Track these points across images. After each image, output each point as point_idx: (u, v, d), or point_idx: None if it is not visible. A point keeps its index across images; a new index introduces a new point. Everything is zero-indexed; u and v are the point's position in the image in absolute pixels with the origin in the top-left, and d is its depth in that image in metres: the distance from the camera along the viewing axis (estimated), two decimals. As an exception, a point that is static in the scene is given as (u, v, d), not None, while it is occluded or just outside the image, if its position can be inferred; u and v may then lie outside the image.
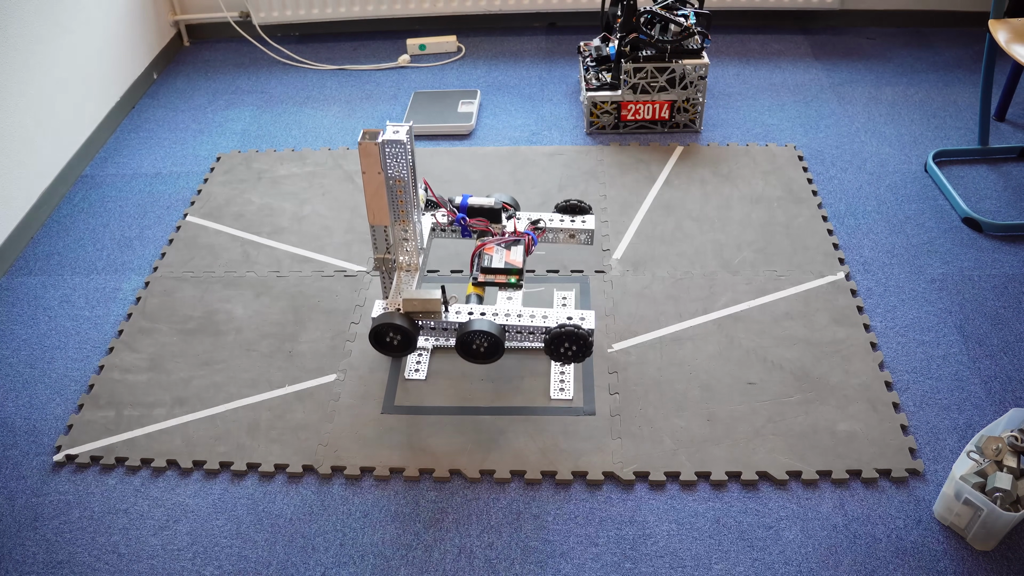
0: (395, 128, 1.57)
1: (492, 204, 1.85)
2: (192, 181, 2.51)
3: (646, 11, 2.47)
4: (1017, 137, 2.52)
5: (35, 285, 2.16)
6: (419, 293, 1.65)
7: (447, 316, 1.67)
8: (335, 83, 2.98)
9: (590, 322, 1.64)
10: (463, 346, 1.65)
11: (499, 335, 1.62)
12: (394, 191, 1.63)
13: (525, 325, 1.65)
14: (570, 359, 1.66)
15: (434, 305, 1.64)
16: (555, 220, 1.89)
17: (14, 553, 1.55)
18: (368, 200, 1.63)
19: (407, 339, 1.66)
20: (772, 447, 1.66)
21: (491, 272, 1.76)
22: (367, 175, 1.59)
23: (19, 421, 1.80)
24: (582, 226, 1.89)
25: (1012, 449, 1.48)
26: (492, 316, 1.66)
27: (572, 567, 1.48)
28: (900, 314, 1.95)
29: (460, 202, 1.85)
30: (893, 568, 1.46)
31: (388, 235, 1.70)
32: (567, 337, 1.62)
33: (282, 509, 1.60)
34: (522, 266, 1.76)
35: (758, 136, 2.57)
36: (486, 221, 1.85)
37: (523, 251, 1.79)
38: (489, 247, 1.79)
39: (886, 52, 3.01)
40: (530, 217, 1.88)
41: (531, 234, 1.82)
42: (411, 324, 1.65)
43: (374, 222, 1.67)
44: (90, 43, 2.66)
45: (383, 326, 1.65)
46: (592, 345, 1.64)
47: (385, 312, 1.66)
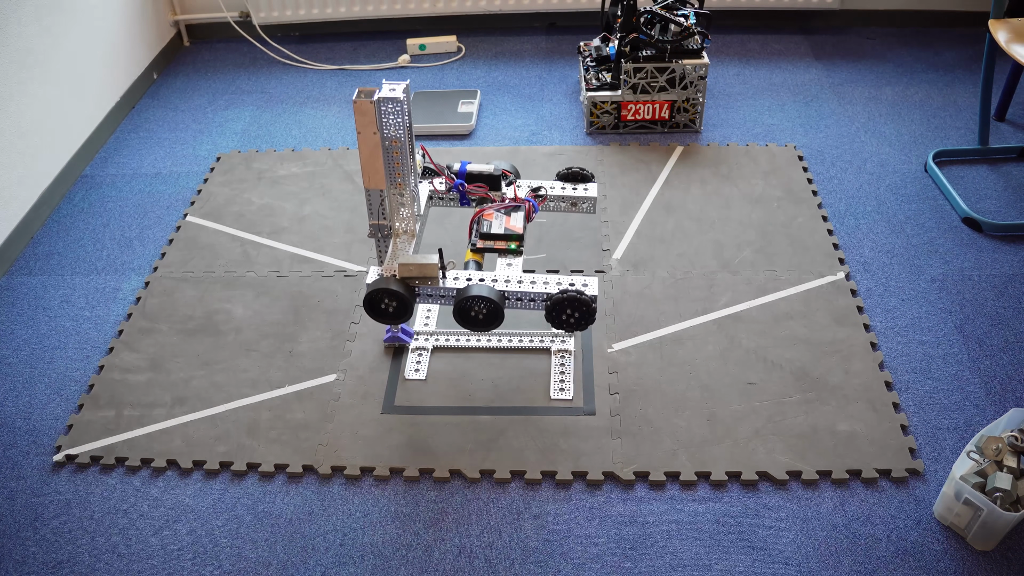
0: (392, 86, 1.51)
1: (492, 171, 1.78)
2: (192, 181, 2.51)
3: (646, 11, 2.47)
4: (1017, 137, 2.52)
5: (35, 285, 2.16)
6: (416, 258, 1.59)
7: (445, 282, 1.60)
8: (335, 83, 2.98)
9: (593, 288, 1.58)
10: (461, 312, 1.59)
11: (498, 301, 1.56)
12: (390, 153, 1.56)
13: (526, 291, 1.59)
14: (572, 326, 1.60)
15: (431, 270, 1.58)
16: (556, 188, 1.84)
17: (14, 553, 1.55)
18: (363, 162, 1.57)
19: (403, 305, 1.60)
20: (772, 447, 1.66)
21: (490, 238, 1.69)
22: (362, 135, 1.52)
23: (19, 421, 1.80)
24: (584, 194, 1.83)
25: (1012, 449, 1.48)
26: (491, 282, 1.61)
27: (572, 567, 1.48)
28: (900, 314, 1.95)
29: (459, 168, 1.79)
30: (893, 568, 1.46)
31: (384, 200, 1.63)
32: (569, 303, 1.56)
33: (282, 509, 1.60)
34: (522, 232, 1.70)
35: (758, 136, 2.57)
36: (485, 187, 1.79)
37: (523, 217, 1.73)
38: (488, 213, 1.72)
39: (886, 52, 3.01)
40: (530, 184, 1.82)
41: (532, 201, 1.75)
42: (407, 290, 1.58)
43: (369, 185, 1.60)
44: (90, 43, 2.66)
45: (378, 292, 1.58)
46: (595, 312, 1.58)
47: (380, 278, 1.60)
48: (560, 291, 1.57)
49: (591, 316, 1.58)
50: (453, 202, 1.83)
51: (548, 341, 1.89)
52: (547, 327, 1.93)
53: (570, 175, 1.87)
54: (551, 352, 1.87)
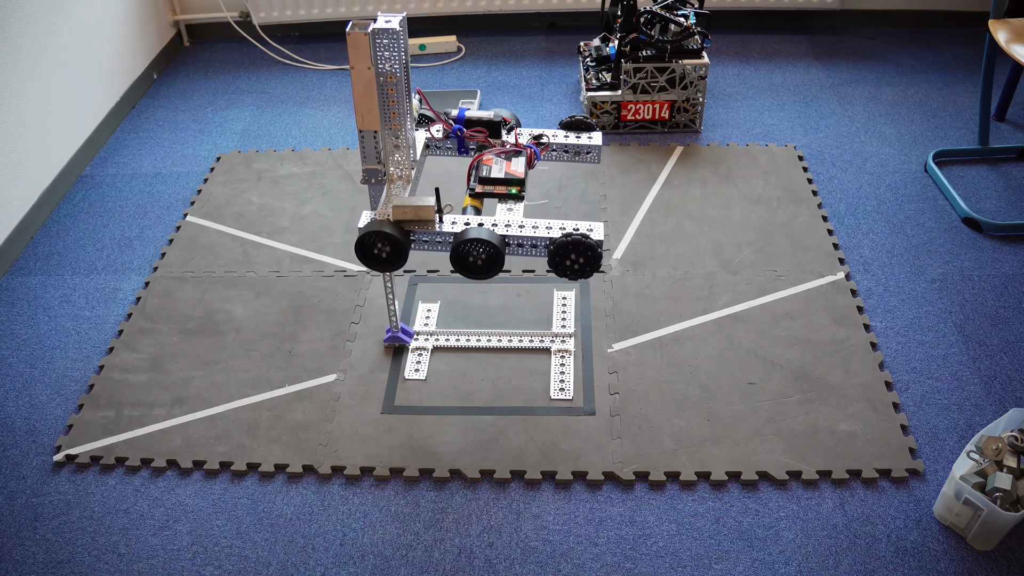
0: (387, 17, 1.43)
1: (491, 117, 1.70)
2: (192, 181, 2.51)
3: (646, 11, 2.47)
4: (1017, 137, 2.52)
5: (35, 285, 2.16)
6: (411, 199, 1.50)
7: (441, 226, 1.52)
8: (335, 83, 2.98)
9: (599, 233, 1.50)
10: (458, 258, 1.50)
11: (499, 244, 1.48)
12: (385, 90, 1.48)
13: (527, 236, 1.50)
14: (576, 274, 1.51)
15: (427, 212, 1.49)
16: (559, 136, 1.75)
17: (14, 553, 1.55)
18: (356, 100, 1.49)
19: (397, 250, 1.51)
20: (772, 447, 1.66)
21: (490, 183, 1.60)
22: (356, 71, 1.44)
23: (19, 421, 1.80)
24: (588, 142, 1.74)
25: (1012, 449, 1.48)
26: (491, 226, 1.52)
27: (572, 567, 1.48)
28: (900, 314, 1.95)
29: (457, 114, 1.70)
30: (893, 568, 1.46)
31: (378, 143, 1.55)
32: (573, 248, 1.48)
33: (282, 509, 1.60)
34: (524, 177, 1.61)
35: (758, 136, 2.57)
36: (484, 132, 1.69)
37: (525, 163, 1.64)
38: (488, 158, 1.64)
39: (886, 52, 3.01)
40: (532, 132, 1.73)
41: (533, 147, 1.67)
42: (402, 233, 1.50)
43: (363, 126, 1.52)
44: (90, 43, 2.66)
45: (371, 235, 1.49)
46: (600, 257, 1.50)
47: (374, 220, 1.51)
48: (564, 235, 1.48)
49: (597, 262, 1.50)
50: (450, 151, 1.74)
51: (548, 341, 1.89)
52: (547, 327, 1.93)
53: (573, 123, 1.77)
54: (551, 352, 1.87)
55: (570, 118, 1.78)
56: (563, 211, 2.28)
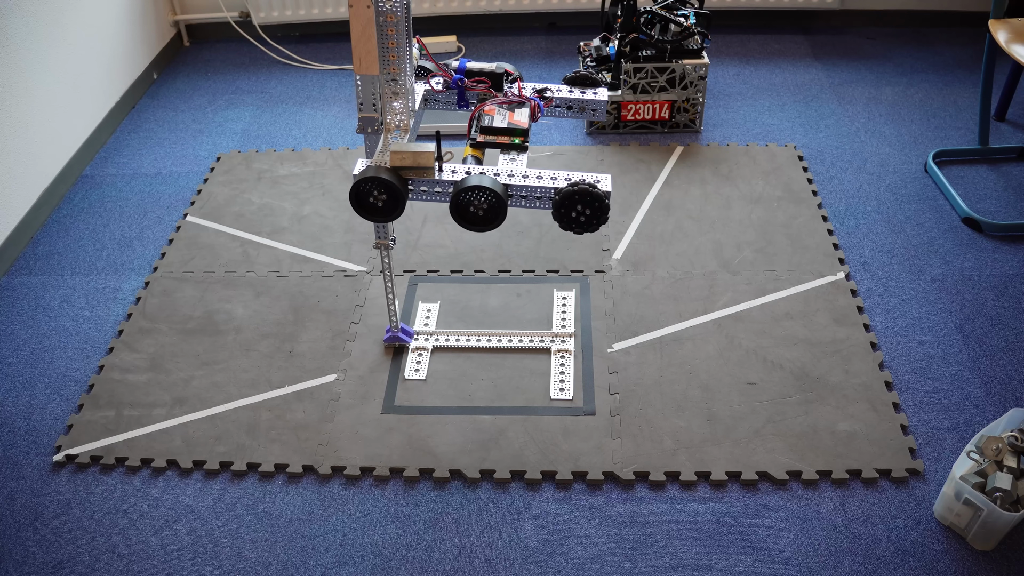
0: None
1: (494, 68, 1.63)
2: (192, 181, 2.51)
3: (646, 11, 2.47)
4: (1017, 137, 2.52)
5: (35, 285, 2.16)
6: (410, 145, 1.44)
7: (441, 175, 1.45)
8: (335, 83, 2.98)
9: (606, 184, 1.45)
10: (459, 207, 1.44)
11: (501, 193, 1.41)
12: (384, 31, 1.41)
13: (531, 186, 1.44)
14: (582, 226, 1.46)
15: (426, 159, 1.43)
16: (563, 91, 1.68)
17: (14, 553, 1.55)
18: (355, 42, 1.42)
19: (394, 198, 1.44)
20: (772, 447, 1.66)
21: (492, 132, 1.53)
22: (354, 9, 1.38)
23: (19, 421, 1.80)
24: (593, 97, 1.67)
25: (1012, 449, 1.48)
26: (494, 176, 1.45)
27: (572, 567, 1.48)
28: (900, 314, 1.95)
29: (457, 66, 1.63)
30: (893, 568, 1.46)
31: (375, 89, 1.49)
32: (580, 198, 1.42)
33: (282, 509, 1.60)
34: (527, 127, 1.55)
35: (758, 136, 2.57)
36: (487, 82, 1.62)
37: (528, 114, 1.58)
38: (490, 108, 1.58)
39: (886, 52, 3.01)
40: (535, 86, 1.67)
41: (537, 100, 1.61)
42: (400, 181, 1.43)
43: (360, 70, 1.46)
44: (90, 43, 2.66)
45: (367, 181, 1.42)
46: (608, 209, 1.44)
47: (370, 167, 1.44)
48: (570, 185, 1.43)
49: (604, 213, 1.44)
50: (450, 105, 1.67)
51: (548, 341, 1.89)
52: (547, 327, 1.93)
53: (578, 78, 1.69)
54: (551, 352, 1.87)
55: (575, 73, 1.71)
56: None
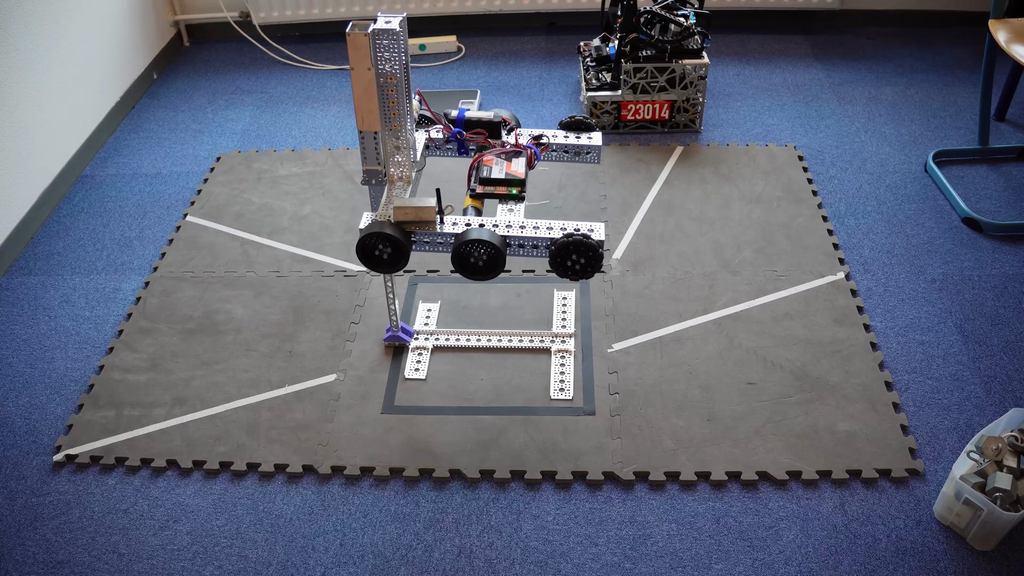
0: (387, 18, 1.43)
1: (491, 117, 1.70)
2: (192, 181, 2.51)
3: (646, 11, 2.47)
4: (1017, 137, 2.52)
5: (35, 285, 2.16)
6: (412, 201, 1.50)
7: (442, 227, 1.52)
8: (335, 83, 2.98)
9: (600, 233, 1.51)
10: (460, 259, 1.51)
11: (500, 245, 1.48)
12: (385, 91, 1.48)
13: (529, 237, 1.51)
14: (577, 274, 1.52)
15: (428, 214, 1.49)
16: (559, 136, 1.75)
17: (14, 553, 1.55)
18: (357, 101, 1.49)
19: (398, 251, 1.51)
20: (772, 447, 1.66)
21: (491, 183, 1.60)
22: (356, 71, 1.45)
23: (19, 421, 1.80)
24: (588, 143, 1.74)
25: (1012, 449, 1.48)
26: (492, 227, 1.52)
27: (572, 567, 1.48)
28: (900, 314, 1.95)
29: (456, 115, 1.70)
30: (893, 568, 1.46)
31: (378, 144, 1.56)
32: (575, 248, 1.48)
33: (282, 509, 1.60)
34: (524, 177, 1.61)
35: (758, 136, 2.57)
36: (484, 133, 1.69)
37: (525, 163, 1.64)
38: (488, 158, 1.64)
39: (886, 52, 3.01)
40: (531, 133, 1.73)
41: (533, 148, 1.67)
42: (403, 235, 1.50)
43: (363, 127, 1.53)
44: (90, 43, 2.66)
45: (372, 236, 1.50)
46: (602, 258, 1.51)
47: (375, 222, 1.52)
48: (565, 235, 1.49)
49: (598, 262, 1.50)
50: (451, 151, 1.74)
51: (548, 341, 1.89)
52: (547, 327, 1.93)
53: (573, 123, 1.77)
54: (551, 352, 1.87)
55: (570, 118, 1.78)
56: (563, 211, 2.28)
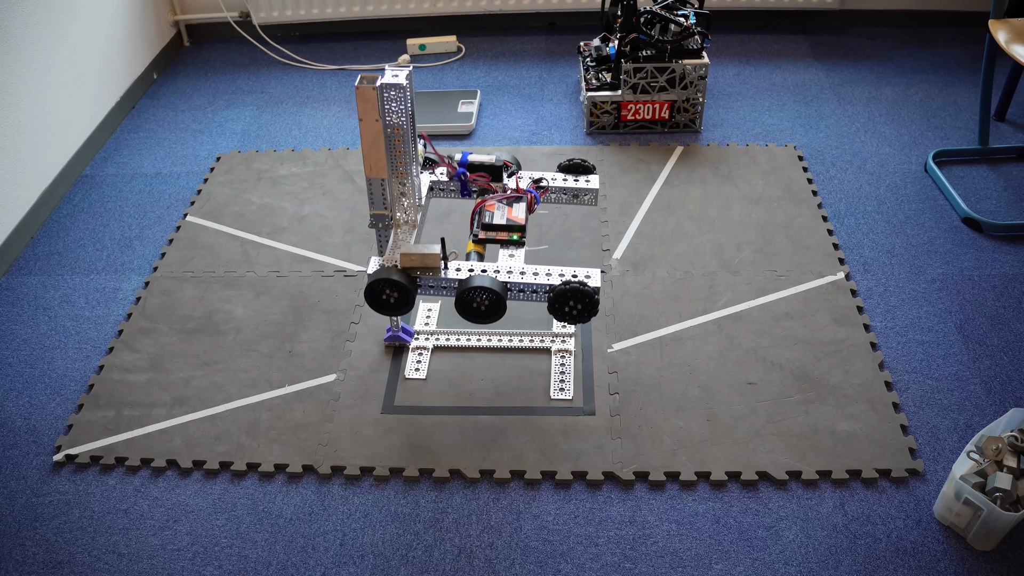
0: (394, 72, 1.48)
1: (493, 161, 1.77)
2: (192, 181, 2.51)
3: (646, 11, 2.47)
4: (1017, 137, 2.52)
5: (35, 285, 2.16)
6: (418, 248, 1.56)
7: (446, 273, 1.59)
8: (335, 83, 2.98)
9: (596, 280, 1.57)
10: (463, 304, 1.57)
11: (501, 292, 1.55)
12: (392, 141, 1.54)
13: (528, 283, 1.58)
14: (575, 318, 1.58)
15: (433, 260, 1.56)
16: (558, 179, 1.82)
17: (14, 553, 1.55)
18: (365, 151, 1.55)
19: (405, 296, 1.58)
20: (772, 447, 1.66)
21: (492, 228, 1.67)
22: (364, 123, 1.51)
23: (19, 421, 1.80)
24: (586, 185, 1.82)
25: (1012, 449, 1.48)
26: (494, 273, 1.59)
27: (572, 567, 1.48)
28: (900, 314, 1.95)
29: (460, 158, 1.78)
30: (893, 568, 1.46)
31: (385, 189, 1.61)
32: (572, 295, 1.55)
33: (282, 509, 1.60)
34: (525, 223, 1.68)
35: (758, 136, 2.57)
36: (487, 177, 1.76)
37: (526, 208, 1.71)
38: (490, 204, 1.71)
39: (886, 52, 3.01)
40: (532, 176, 1.81)
41: (533, 192, 1.74)
42: (409, 280, 1.56)
43: (371, 174, 1.58)
44: (90, 43, 2.66)
45: (379, 282, 1.56)
46: (597, 304, 1.57)
47: (382, 268, 1.58)
48: (563, 283, 1.56)
49: (594, 308, 1.57)
50: (454, 192, 1.81)
51: (548, 341, 1.89)
52: (547, 327, 1.93)
53: (571, 166, 1.85)
54: (551, 352, 1.87)
55: (568, 161, 1.85)
56: (563, 211, 2.28)
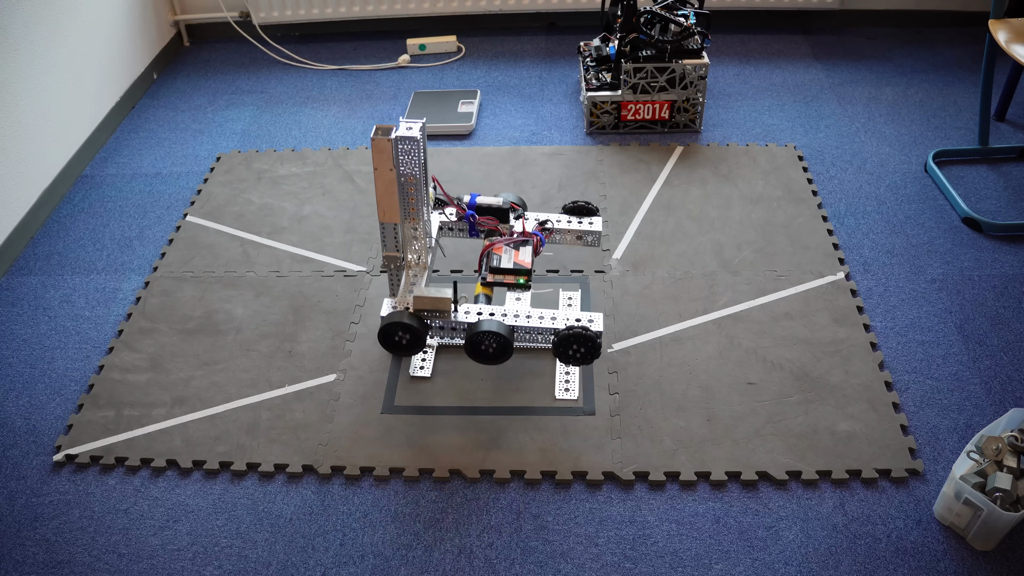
0: (408, 125, 1.56)
1: (500, 203, 1.84)
2: (192, 181, 2.51)
3: (646, 11, 2.47)
4: (1017, 137, 2.52)
5: (35, 285, 2.16)
6: (430, 291, 1.62)
7: (456, 316, 1.65)
8: (335, 83, 2.98)
9: (598, 324, 1.63)
10: (472, 346, 1.64)
11: (508, 336, 1.61)
12: (405, 188, 1.61)
13: (534, 327, 1.64)
14: (578, 361, 1.65)
15: (444, 304, 1.62)
16: (562, 221, 1.90)
17: (14, 553, 1.55)
18: (379, 197, 1.62)
19: (416, 338, 1.64)
20: (772, 447, 1.66)
21: (500, 272, 1.75)
22: (379, 171, 1.58)
23: (19, 421, 1.80)
24: (589, 228, 1.89)
25: (1012, 449, 1.48)
26: (501, 317, 1.65)
27: (572, 567, 1.48)
28: (900, 314, 1.95)
29: (469, 200, 1.85)
30: (893, 568, 1.46)
31: (397, 233, 1.69)
32: (575, 339, 1.61)
33: (282, 509, 1.60)
34: (530, 267, 1.76)
35: (758, 136, 2.57)
36: (495, 220, 1.84)
37: (531, 252, 1.79)
38: (498, 247, 1.79)
39: (886, 52, 3.01)
40: (538, 218, 1.88)
41: (539, 235, 1.82)
42: (420, 323, 1.63)
43: (384, 219, 1.66)
44: (90, 43, 2.66)
45: (392, 325, 1.62)
46: (600, 347, 1.63)
47: (394, 311, 1.65)
48: (567, 327, 1.61)
49: (596, 351, 1.62)
50: (463, 232, 1.89)
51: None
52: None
53: (575, 208, 1.91)
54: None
55: (572, 203, 1.91)
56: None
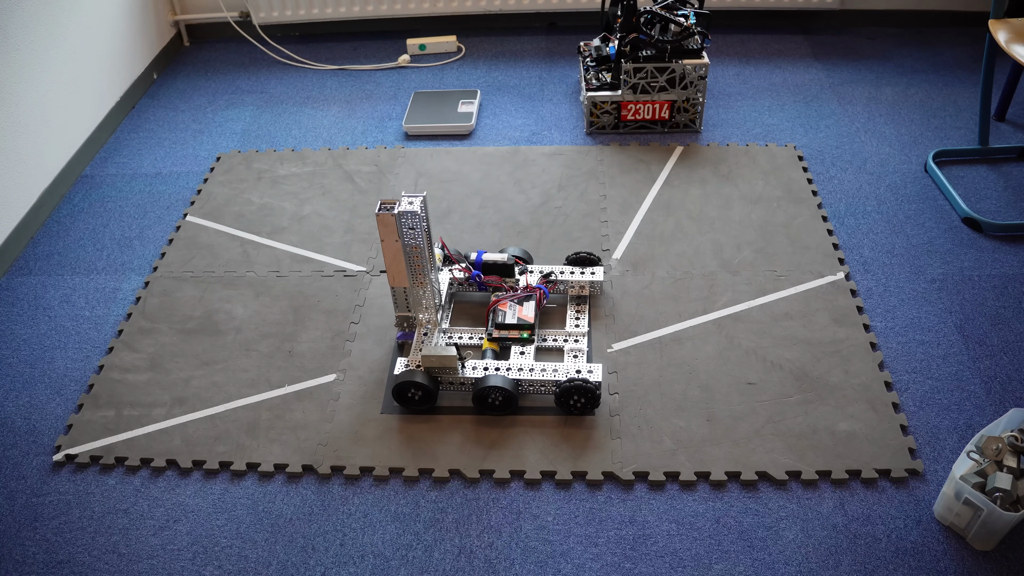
0: (410, 199, 1.66)
1: (505, 260, 1.95)
2: (192, 181, 2.51)
3: (646, 11, 2.46)
4: (1017, 137, 2.52)
5: (35, 285, 2.16)
6: (437, 350, 1.73)
7: (463, 372, 1.75)
8: (335, 83, 2.98)
9: (597, 375, 1.71)
10: (479, 400, 1.72)
11: (512, 390, 1.70)
12: (411, 257, 1.73)
13: (537, 379, 1.74)
14: (579, 411, 1.72)
15: (451, 362, 1.73)
16: (565, 272, 1.97)
17: (14, 553, 1.55)
18: (387, 265, 1.75)
19: (427, 394, 1.73)
20: (772, 447, 1.66)
21: (505, 328, 1.86)
22: (385, 243, 1.70)
23: (19, 421, 1.80)
24: (592, 278, 1.97)
25: (1012, 449, 1.48)
26: (506, 371, 1.74)
27: (572, 567, 1.48)
28: (900, 314, 1.95)
29: (475, 258, 1.96)
30: (893, 568, 1.46)
31: (408, 296, 1.81)
32: (576, 390, 1.69)
33: (282, 509, 1.60)
34: (534, 321, 1.86)
35: (758, 136, 2.57)
36: (500, 279, 1.96)
37: (535, 306, 1.89)
38: (503, 303, 1.89)
39: (886, 52, 3.01)
40: (542, 270, 1.98)
41: (543, 288, 1.92)
42: (431, 380, 1.72)
43: (394, 284, 1.79)
44: (90, 43, 2.66)
45: (404, 383, 1.72)
46: (599, 398, 1.71)
47: (407, 369, 1.74)
48: (568, 379, 1.69)
49: (596, 401, 1.71)
50: (471, 289, 2.02)
51: (561, 341, 1.89)
52: (560, 326, 1.93)
53: (578, 260, 2.00)
54: (564, 352, 1.87)
55: (575, 254, 2.01)
56: (563, 211, 2.28)
